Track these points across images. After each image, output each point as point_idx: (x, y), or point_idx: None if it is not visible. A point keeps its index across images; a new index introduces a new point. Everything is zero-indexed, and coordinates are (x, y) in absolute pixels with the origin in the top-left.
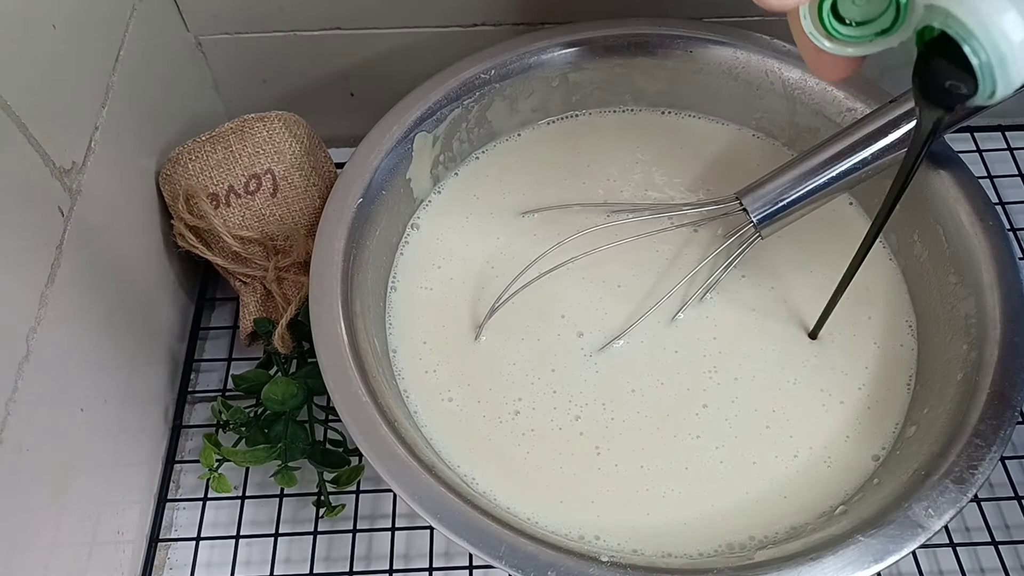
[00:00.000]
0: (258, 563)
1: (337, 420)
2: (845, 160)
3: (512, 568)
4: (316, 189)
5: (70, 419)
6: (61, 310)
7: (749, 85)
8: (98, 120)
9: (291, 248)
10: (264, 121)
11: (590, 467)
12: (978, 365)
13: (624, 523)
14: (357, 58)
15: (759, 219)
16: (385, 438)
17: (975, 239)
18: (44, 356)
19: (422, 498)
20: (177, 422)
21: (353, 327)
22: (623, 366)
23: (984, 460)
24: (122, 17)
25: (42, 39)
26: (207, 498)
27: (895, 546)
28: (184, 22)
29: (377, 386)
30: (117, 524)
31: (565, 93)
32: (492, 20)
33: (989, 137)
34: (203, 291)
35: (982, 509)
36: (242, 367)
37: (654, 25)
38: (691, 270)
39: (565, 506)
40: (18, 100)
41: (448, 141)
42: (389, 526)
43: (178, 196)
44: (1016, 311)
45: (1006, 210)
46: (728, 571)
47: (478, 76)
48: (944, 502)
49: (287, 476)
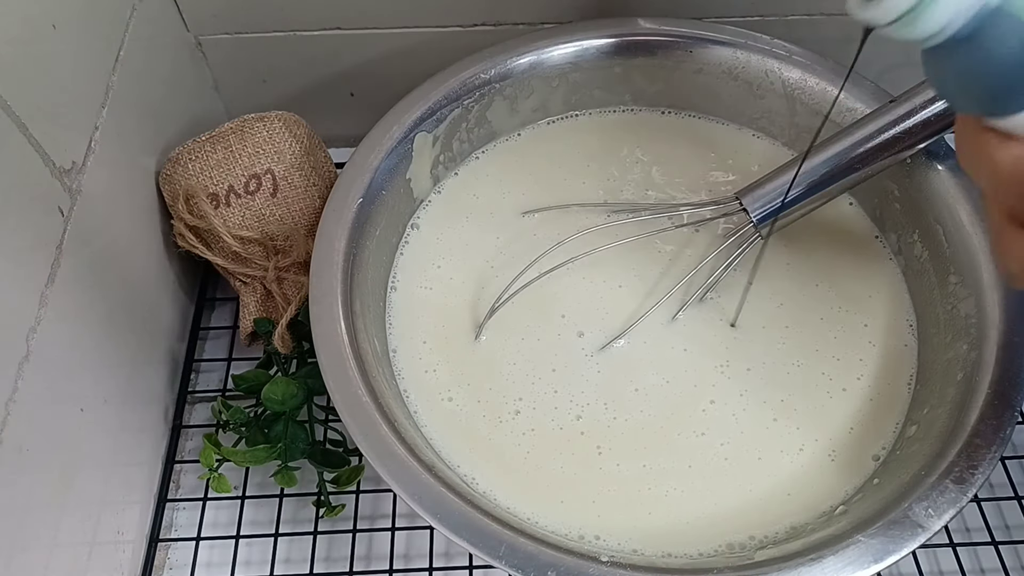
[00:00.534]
0: (258, 563)
1: (337, 420)
2: (845, 160)
3: (512, 568)
4: (316, 189)
5: (70, 419)
6: (61, 310)
7: (749, 85)
8: (98, 120)
9: (291, 248)
10: (264, 121)
11: (591, 467)
12: (978, 365)
13: (625, 523)
14: (357, 58)
15: (759, 219)
16: (385, 438)
17: (975, 239)
18: (44, 356)
19: (422, 498)
20: (177, 422)
21: (353, 327)
22: (625, 365)
23: (984, 460)
24: (122, 17)
25: (42, 39)
26: (207, 498)
27: (895, 546)
28: (184, 22)
29: (377, 386)
30: (117, 524)
31: (565, 93)
32: (492, 20)
33: None
34: (203, 291)
35: (982, 509)
36: (242, 367)
37: (654, 25)
38: (691, 270)
39: (566, 506)
40: (18, 100)
41: (448, 141)
42: (389, 526)
43: (178, 196)
44: (1016, 311)
45: None
46: (728, 571)
47: (478, 76)
48: (944, 502)
49: (287, 476)
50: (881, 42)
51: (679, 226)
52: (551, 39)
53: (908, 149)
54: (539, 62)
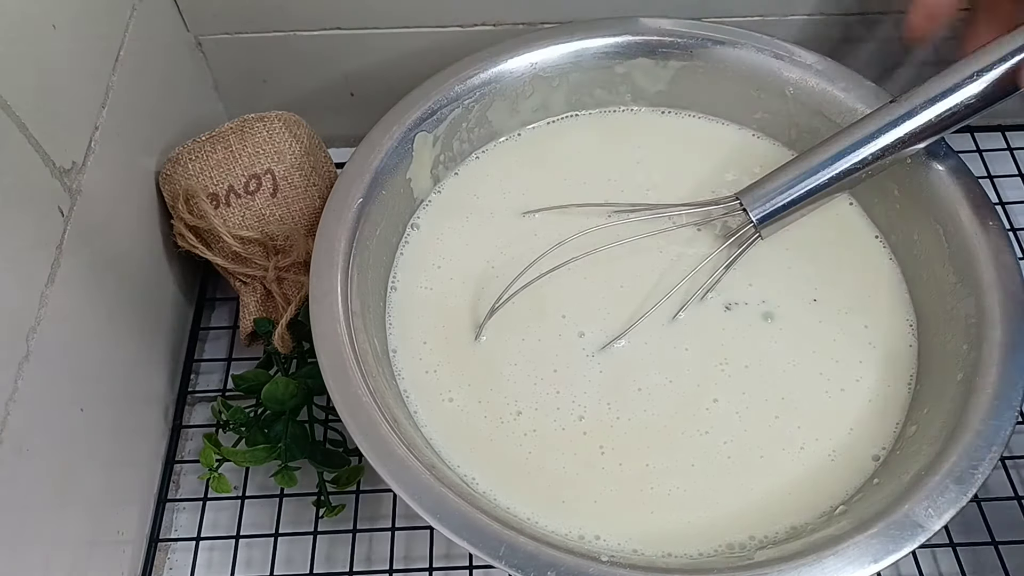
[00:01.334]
0: (258, 563)
1: (337, 420)
2: (845, 160)
3: (512, 568)
4: (316, 189)
5: (70, 419)
6: (61, 310)
7: (749, 85)
8: (98, 120)
9: (291, 248)
10: (264, 121)
11: (594, 467)
12: (978, 365)
13: (626, 522)
14: (357, 58)
15: (759, 219)
16: (385, 438)
17: (975, 239)
18: (44, 356)
19: (422, 498)
20: (177, 422)
21: (353, 327)
22: (628, 365)
23: (984, 460)
24: (122, 17)
25: (42, 39)
26: (207, 498)
27: (895, 546)
28: (184, 22)
29: (377, 386)
30: (117, 524)
31: (565, 93)
32: (492, 20)
33: (989, 137)
34: (203, 291)
35: (982, 509)
36: (242, 367)
37: (654, 25)
38: (692, 270)
39: (567, 506)
40: (18, 100)
41: (448, 141)
42: (389, 526)
43: (178, 196)
44: (1016, 311)
45: (1006, 210)
46: (728, 571)
47: (478, 76)
48: (944, 502)
49: (287, 476)
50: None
51: (680, 226)
52: (551, 39)
53: (909, 148)
54: (539, 62)
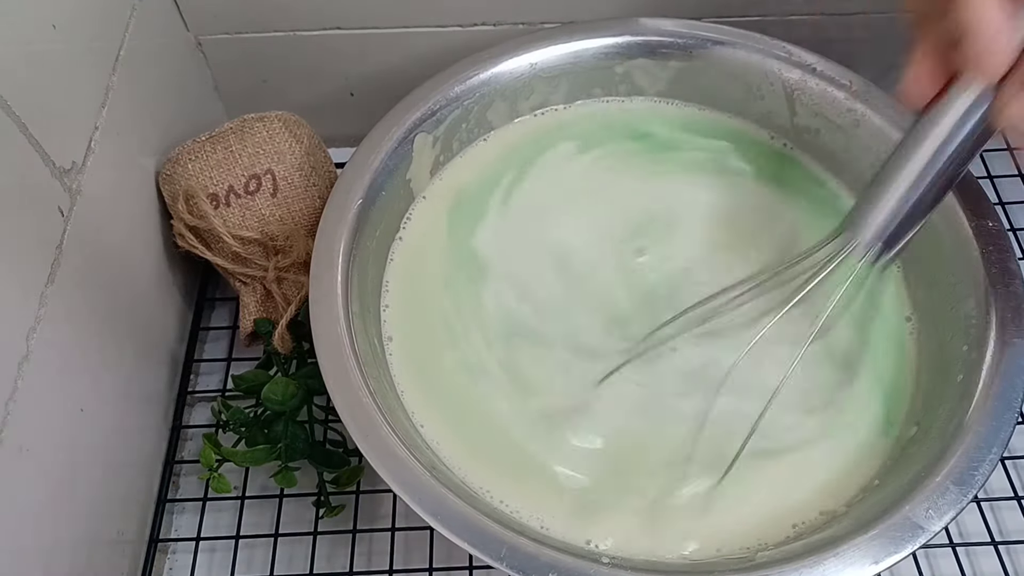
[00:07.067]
0: (258, 564)
1: (337, 420)
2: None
3: (513, 569)
4: (316, 189)
5: (70, 419)
6: (61, 310)
7: (749, 85)
8: (98, 120)
9: (291, 248)
10: (264, 121)
11: (600, 472)
12: (978, 365)
13: (630, 525)
14: (357, 58)
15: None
16: (385, 438)
17: (975, 239)
18: (44, 356)
19: (422, 498)
20: (177, 422)
21: (353, 327)
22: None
23: (984, 461)
24: (122, 17)
25: (42, 39)
26: (207, 499)
27: (895, 547)
28: (184, 22)
29: (377, 386)
30: (117, 524)
31: (566, 93)
32: (492, 20)
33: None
34: (203, 291)
35: (982, 510)
36: (242, 367)
37: (654, 25)
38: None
39: (568, 508)
40: (18, 100)
41: (448, 142)
42: (389, 526)
43: (178, 196)
44: (1016, 311)
45: (1006, 210)
46: (728, 572)
47: (478, 76)
48: (944, 503)
49: (287, 476)
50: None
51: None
52: (551, 39)
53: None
54: (539, 62)
